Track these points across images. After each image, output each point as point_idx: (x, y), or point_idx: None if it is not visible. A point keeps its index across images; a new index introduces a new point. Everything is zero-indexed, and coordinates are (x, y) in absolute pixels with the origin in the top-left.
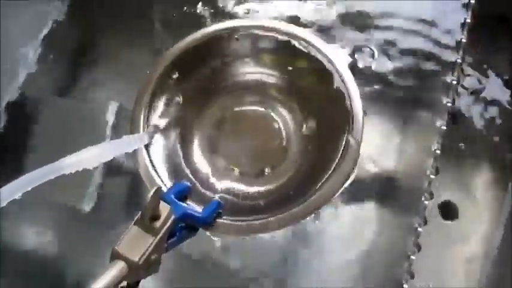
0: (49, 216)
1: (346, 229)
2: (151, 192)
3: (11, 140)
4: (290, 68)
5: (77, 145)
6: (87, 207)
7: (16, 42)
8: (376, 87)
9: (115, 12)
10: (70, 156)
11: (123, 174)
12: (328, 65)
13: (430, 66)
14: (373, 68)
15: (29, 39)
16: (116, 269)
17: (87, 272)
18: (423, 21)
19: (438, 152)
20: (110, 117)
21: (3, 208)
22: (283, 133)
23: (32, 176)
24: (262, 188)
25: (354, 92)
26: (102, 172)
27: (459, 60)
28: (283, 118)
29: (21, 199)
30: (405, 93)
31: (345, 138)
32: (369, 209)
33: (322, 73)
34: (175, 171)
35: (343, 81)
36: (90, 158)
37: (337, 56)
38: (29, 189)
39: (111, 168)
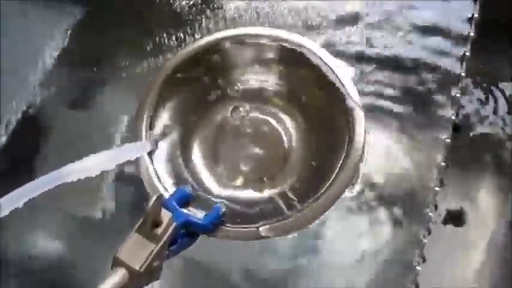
0: (59, 225)
1: (350, 239)
2: (153, 200)
3: (22, 150)
4: (292, 76)
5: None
6: (97, 215)
7: (29, 53)
8: (379, 99)
9: (125, 25)
10: (71, 165)
11: (133, 182)
12: (329, 73)
13: (434, 78)
14: (376, 79)
15: (41, 50)
16: (117, 276)
17: (95, 279)
18: (427, 33)
19: (443, 164)
20: (121, 128)
21: (11, 217)
22: (285, 140)
23: (33, 184)
24: (264, 194)
25: (355, 99)
26: (112, 180)
27: (463, 73)
28: (284, 125)
29: (32, 208)
30: (409, 106)
31: (346, 141)
32: (373, 220)
33: (324, 81)
34: (177, 179)
35: (344, 88)
36: (91, 166)
37: (338, 65)
38: (31, 198)
39: (122, 177)
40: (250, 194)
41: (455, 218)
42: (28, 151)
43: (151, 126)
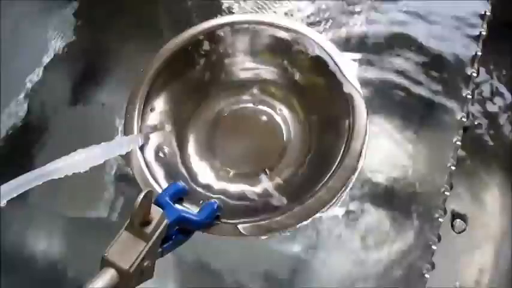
0: (57, 225)
1: (352, 240)
2: (140, 196)
3: (22, 149)
4: (289, 64)
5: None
6: (97, 215)
7: (29, 53)
8: (386, 101)
9: (124, 23)
10: (58, 161)
11: (133, 181)
12: (330, 62)
13: (444, 80)
14: (382, 77)
15: (41, 50)
16: (106, 277)
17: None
18: (438, 34)
19: (453, 168)
20: (120, 124)
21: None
22: (283, 131)
23: (17, 182)
24: (260, 189)
25: (356, 90)
26: (114, 179)
27: (474, 74)
28: (282, 116)
29: (30, 207)
30: (418, 108)
31: (346, 137)
32: (379, 223)
33: (323, 69)
34: (171, 173)
35: (346, 79)
36: (80, 161)
37: (341, 55)
38: (15, 195)
39: (122, 175)
40: (246, 188)
41: (462, 219)
42: (28, 150)
43: (143, 119)
